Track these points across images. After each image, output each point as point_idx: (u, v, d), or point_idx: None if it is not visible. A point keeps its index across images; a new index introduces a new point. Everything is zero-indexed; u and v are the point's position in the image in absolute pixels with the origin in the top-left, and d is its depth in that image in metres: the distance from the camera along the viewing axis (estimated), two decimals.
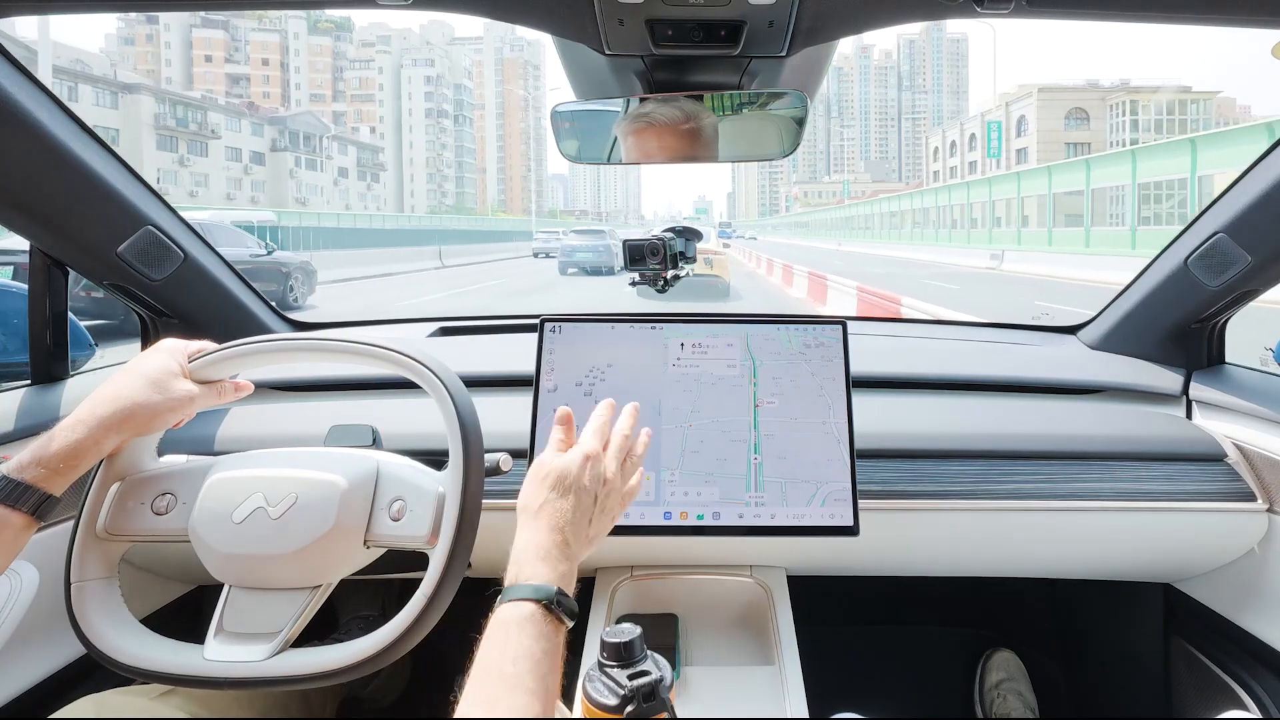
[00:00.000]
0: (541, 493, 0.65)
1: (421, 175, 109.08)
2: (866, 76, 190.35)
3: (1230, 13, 0.78)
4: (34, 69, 0.80)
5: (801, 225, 76.17)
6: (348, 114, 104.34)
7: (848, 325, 0.98)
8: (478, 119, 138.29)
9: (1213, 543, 1.07)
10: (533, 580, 0.58)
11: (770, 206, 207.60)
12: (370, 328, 1.53)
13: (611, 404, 0.75)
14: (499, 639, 0.54)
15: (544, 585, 0.58)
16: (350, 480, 0.74)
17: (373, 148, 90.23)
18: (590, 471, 0.67)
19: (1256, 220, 1.01)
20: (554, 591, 0.57)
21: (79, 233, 1.02)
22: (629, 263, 1.24)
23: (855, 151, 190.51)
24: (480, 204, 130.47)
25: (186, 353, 0.78)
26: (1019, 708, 1.37)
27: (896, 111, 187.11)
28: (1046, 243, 24.37)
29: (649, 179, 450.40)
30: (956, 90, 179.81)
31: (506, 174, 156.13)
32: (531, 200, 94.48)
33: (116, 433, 0.70)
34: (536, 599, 0.56)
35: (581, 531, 0.65)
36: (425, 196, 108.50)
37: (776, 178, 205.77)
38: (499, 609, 0.57)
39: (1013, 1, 0.74)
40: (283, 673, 0.68)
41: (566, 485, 0.65)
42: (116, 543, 0.75)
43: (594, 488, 0.67)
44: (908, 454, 1.05)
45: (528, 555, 0.61)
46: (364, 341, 0.78)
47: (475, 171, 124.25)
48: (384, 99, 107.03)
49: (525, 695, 0.51)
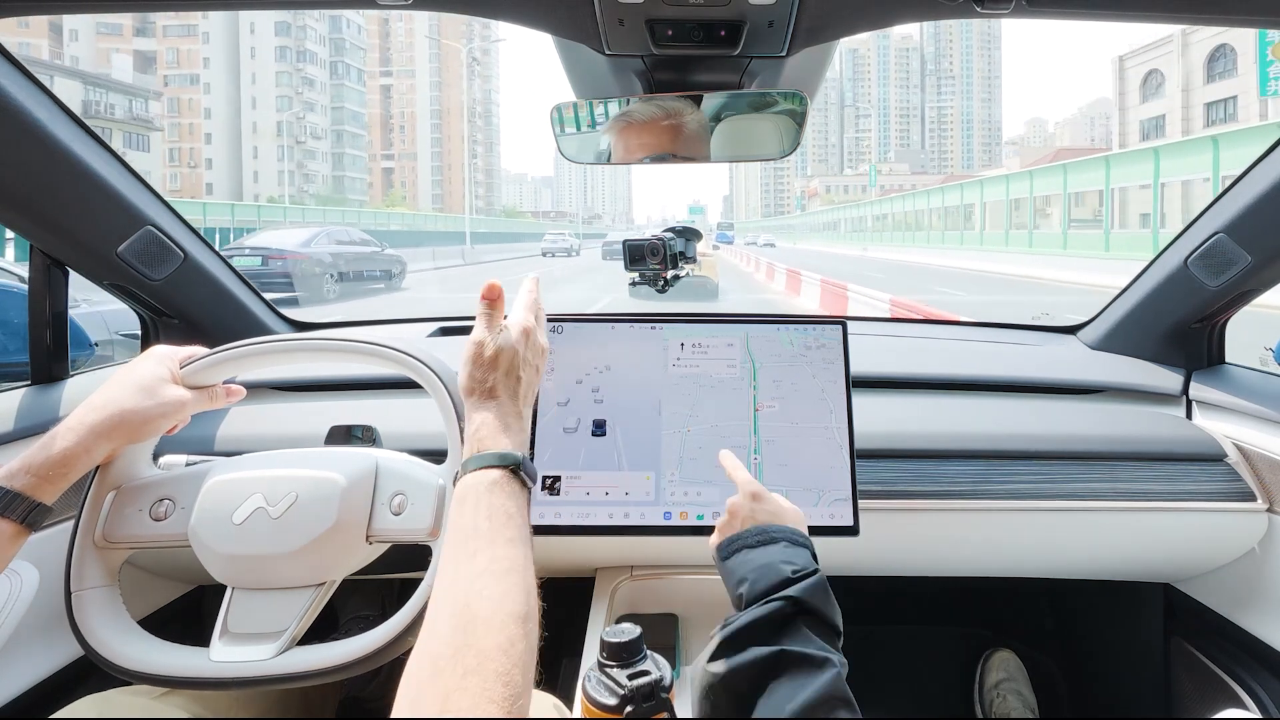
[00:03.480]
0: (490, 374, 0.66)
1: (270, 148, 71.48)
2: (885, 57, 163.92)
3: (1230, 13, 0.78)
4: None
5: (830, 226, 62.18)
6: (159, 54, 68.04)
7: (848, 325, 0.98)
8: (404, 90, 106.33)
9: (1213, 543, 1.07)
10: (497, 448, 0.59)
11: (776, 206, 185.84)
12: (371, 328, 1.53)
13: (536, 279, 0.78)
14: (470, 502, 0.55)
15: (508, 453, 0.59)
16: (349, 477, 0.74)
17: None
18: (530, 343, 0.70)
19: (1256, 220, 1.01)
20: (519, 458, 0.59)
21: (79, 233, 1.02)
22: (629, 263, 1.24)
23: (871, 142, 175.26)
24: (374, 195, 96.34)
25: (177, 359, 0.78)
26: (1019, 708, 1.37)
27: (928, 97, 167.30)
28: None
29: (640, 181, 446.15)
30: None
31: (444, 159, 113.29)
32: (467, 195, 62.05)
33: (107, 440, 0.70)
34: (503, 465, 0.58)
35: (531, 400, 0.69)
36: (275, 180, 70.42)
37: (783, 175, 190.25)
38: (463, 479, 0.58)
39: (1013, 1, 0.74)
40: (289, 670, 0.68)
41: (514, 362, 0.67)
42: (116, 550, 0.75)
43: (536, 360, 0.70)
44: (908, 454, 1.05)
45: (488, 429, 0.61)
46: (357, 340, 0.78)
47: (361, 147, 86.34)
48: (211, 31, 69.20)
49: (505, 546, 0.52)
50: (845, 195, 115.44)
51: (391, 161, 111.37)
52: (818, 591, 0.60)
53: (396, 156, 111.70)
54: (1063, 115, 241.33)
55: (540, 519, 0.88)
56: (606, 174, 48.47)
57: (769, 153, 1.04)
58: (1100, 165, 21.77)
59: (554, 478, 0.90)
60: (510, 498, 0.56)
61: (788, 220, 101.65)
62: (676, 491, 0.91)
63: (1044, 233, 24.60)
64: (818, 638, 0.57)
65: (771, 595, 0.59)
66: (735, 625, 0.58)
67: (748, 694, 0.54)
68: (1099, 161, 22.18)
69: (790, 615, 0.58)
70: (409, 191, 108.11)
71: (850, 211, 56.94)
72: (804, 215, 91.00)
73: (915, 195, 39.87)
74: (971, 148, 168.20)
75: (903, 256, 30.64)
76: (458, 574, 0.50)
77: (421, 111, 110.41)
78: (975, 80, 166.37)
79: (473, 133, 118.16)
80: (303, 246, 12.77)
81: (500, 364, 0.66)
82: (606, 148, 1.03)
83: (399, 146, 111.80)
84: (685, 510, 0.91)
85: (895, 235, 41.13)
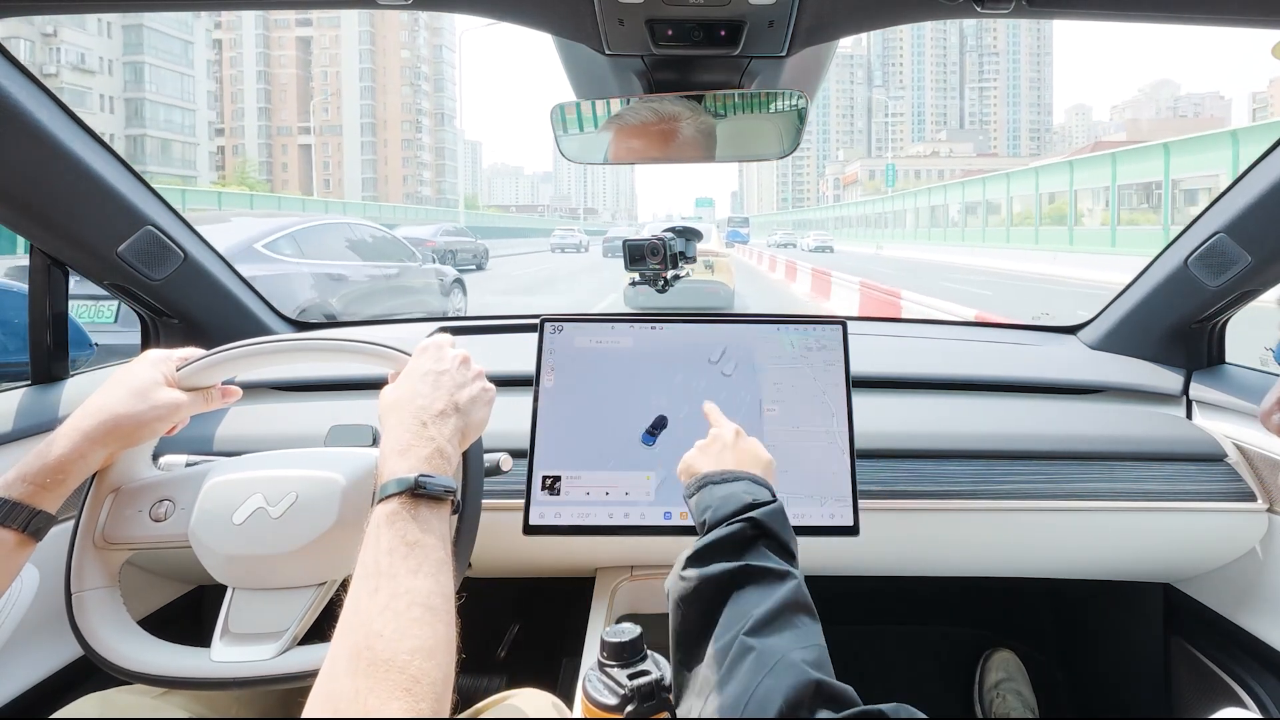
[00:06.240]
0: (391, 395, 0.67)
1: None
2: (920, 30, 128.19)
3: (1230, 13, 0.78)
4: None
5: (874, 221, 48.64)
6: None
7: (847, 325, 0.98)
8: (327, 43, 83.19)
9: (1213, 543, 1.07)
10: (393, 475, 0.58)
11: (796, 198, 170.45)
12: (371, 328, 1.54)
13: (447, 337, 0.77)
14: (371, 539, 0.54)
15: (403, 477, 0.57)
16: (349, 477, 0.74)
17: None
18: (433, 355, 0.69)
19: (1256, 220, 1.01)
20: (413, 480, 0.57)
21: (79, 233, 1.02)
22: (629, 263, 1.24)
23: (907, 124, 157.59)
24: (229, 173, 72.26)
25: (172, 361, 0.78)
26: (1019, 707, 1.37)
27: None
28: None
29: (644, 177, 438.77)
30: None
31: (380, 135, 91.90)
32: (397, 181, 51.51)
33: (102, 445, 0.70)
34: (398, 492, 0.56)
35: (439, 409, 0.64)
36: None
37: (802, 164, 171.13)
38: (371, 513, 0.57)
39: (1013, 2, 0.74)
40: (290, 670, 0.68)
41: (408, 379, 0.67)
42: (116, 551, 0.75)
43: (441, 365, 0.69)
44: (908, 454, 1.05)
45: (385, 456, 0.60)
46: (356, 340, 0.78)
47: (180, 108, 58.77)
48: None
49: (408, 578, 0.51)
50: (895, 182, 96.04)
51: (309, 136, 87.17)
52: (777, 517, 0.65)
53: (317, 130, 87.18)
54: (1120, 98, 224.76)
55: (540, 519, 0.88)
56: (609, 170, 42.30)
57: (769, 153, 1.04)
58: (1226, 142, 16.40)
59: (554, 478, 0.90)
60: (413, 522, 0.55)
61: (804, 214, 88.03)
62: (676, 492, 0.91)
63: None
64: (776, 557, 0.62)
65: (733, 518, 0.64)
66: (702, 544, 0.63)
67: (715, 601, 0.58)
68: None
69: (751, 537, 0.62)
70: (332, 174, 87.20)
71: (912, 201, 42.38)
72: (837, 207, 73.03)
73: (1010, 177, 28.75)
74: (1019, 133, 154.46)
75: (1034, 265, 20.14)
76: (357, 612, 0.49)
77: (347, 71, 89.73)
78: (1023, 57, 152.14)
79: (417, 100, 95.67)
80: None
81: (401, 383, 0.67)
82: (608, 147, 1.03)
83: (319, 118, 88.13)
84: (685, 510, 0.91)
85: (986, 230, 30.28)
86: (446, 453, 0.61)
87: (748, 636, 0.53)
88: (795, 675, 0.49)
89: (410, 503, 0.56)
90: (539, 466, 0.90)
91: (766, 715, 0.47)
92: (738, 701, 0.49)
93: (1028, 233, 25.94)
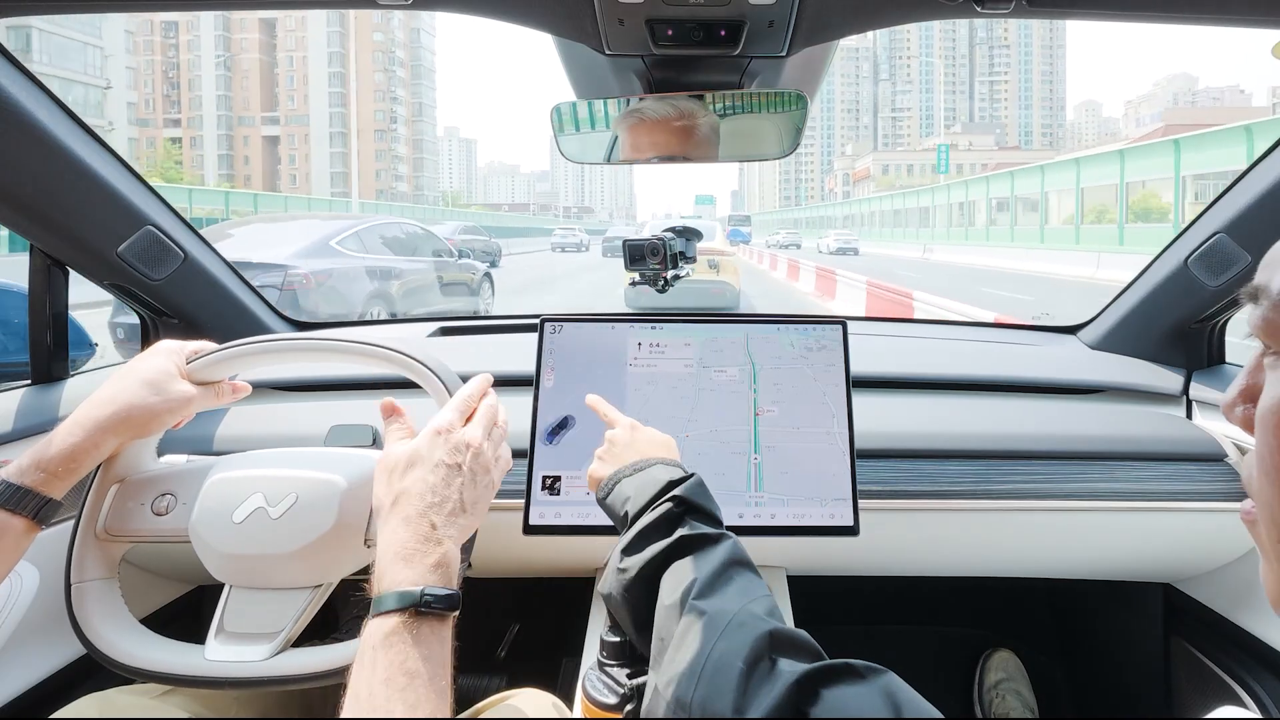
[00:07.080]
0: (393, 486, 0.59)
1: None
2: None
3: (1230, 13, 0.78)
4: None
5: (891, 219, 45.03)
6: None
7: (848, 325, 0.98)
8: (288, 20, 73.49)
9: (1213, 543, 1.07)
10: (395, 587, 0.52)
11: (797, 195, 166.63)
12: (371, 328, 1.54)
13: (486, 378, 0.72)
14: (367, 661, 0.49)
15: (406, 591, 0.52)
16: (350, 480, 0.74)
17: None
18: (446, 443, 0.61)
19: (1256, 220, 1.01)
20: (418, 595, 0.51)
21: (79, 233, 1.02)
22: (629, 263, 1.24)
23: (914, 120, 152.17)
24: (142, 161, 61.50)
25: (184, 354, 0.77)
26: (1018, 707, 1.37)
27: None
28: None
29: (642, 175, 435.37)
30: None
31: (353, 126, 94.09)
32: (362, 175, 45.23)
33: (114, 435, 0.70)
34: (401, 607, 0.51)
35: (449, 509, 0.58)
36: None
37: (804, 161, 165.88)
38: (366, 626, 0.52)
39: (1013, 2, 0.74)
40: (283, 672, 0.68)
41: (420, 468, 0.60)
42: (116, 543, 0.75)
43: (455, 458, 0.61)
44: (908, 454, 1.05)
45: (387, 559, 0.54)
46: (363, 341, 0.78)
47: (84, 84, 45.56)
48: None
49: (405, 711, 0.48)
50: (910, 178, 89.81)
51: (275, 128, 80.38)
52: (698, 490, 0.65)
53: (282, 120, 79.51)
54: (1135, 93, 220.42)
55: (540, 519, 0.88)
56: (607, 168, 40.85)
57: (769, 153, 1.04)
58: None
59: (554, 478, 0.90)
60: (415, 645, 0.50)
61: (807, 212, 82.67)
62: None
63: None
64: (706, 526, 0.62)
65: (656, 501, 0.63)
66: (633, 532, 0.62)
67: (657, 579, 0.58)
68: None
69: (679, 514, 0.62)
70: (299, 169, 77.72)
71: (933, 197, 38.52)
72: (846, 204, 67.95)
73: (1049, 169, 25.52)
74: (1031, 129, 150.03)
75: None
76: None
77: (315, 58, 79.30)
78: (1035, 50, 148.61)
79: (392, 88, 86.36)
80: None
81: (402, 474, 0.59)
82: (610, 146, 1.03)
83: (285, 108, 79.44)
84: None
85: (1013, 230, 27.16)
86: (451, 556, 0.57)
87: (696, 600, 0.53)
88: (746, 633, 0.49)
89: (412, 622, 0.51)
90: (539, 466, 0.90)
91: (727, 679, 0.46)
92: (693, 669, 0.48)
93: (1107, 232, 21.46)
